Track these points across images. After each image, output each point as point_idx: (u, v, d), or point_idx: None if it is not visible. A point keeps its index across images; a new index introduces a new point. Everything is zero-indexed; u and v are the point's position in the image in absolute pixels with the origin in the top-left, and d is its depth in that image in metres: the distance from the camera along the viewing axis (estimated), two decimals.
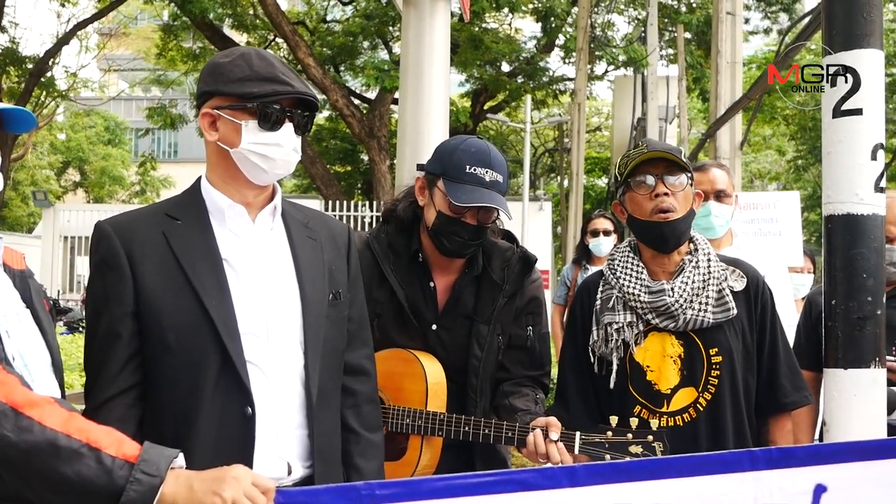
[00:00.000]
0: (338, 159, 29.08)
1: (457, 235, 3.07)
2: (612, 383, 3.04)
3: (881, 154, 2.51)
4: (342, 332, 2.58)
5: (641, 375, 3.02)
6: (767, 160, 37.84)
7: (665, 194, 2.95)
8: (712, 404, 2.96)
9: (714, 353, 2.98)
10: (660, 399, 3.00)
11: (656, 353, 3.02)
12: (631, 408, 3.01)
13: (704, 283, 2.99)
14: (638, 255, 3.13)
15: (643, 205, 3.00)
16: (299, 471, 2.40)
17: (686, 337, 3.00)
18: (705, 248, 3.09)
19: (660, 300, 2.98)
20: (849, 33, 2.54)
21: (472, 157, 3.03)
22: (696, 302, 2.97)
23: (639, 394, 3.03)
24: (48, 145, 48.72)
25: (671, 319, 2.99)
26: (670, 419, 2.97)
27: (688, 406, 2.98)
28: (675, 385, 2.99)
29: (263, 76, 2.39)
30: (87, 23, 25.76)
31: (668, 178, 2.97)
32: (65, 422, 1.91)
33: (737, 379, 2.98)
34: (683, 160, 2.98)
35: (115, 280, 2.35)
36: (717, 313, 2.98)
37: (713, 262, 3.05)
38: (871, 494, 2.27)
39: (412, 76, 6.38)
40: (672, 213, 2.96)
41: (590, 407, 3.13)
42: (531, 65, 23.89)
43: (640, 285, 3.03)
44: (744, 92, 13.92)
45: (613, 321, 3.05)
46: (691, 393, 2.98)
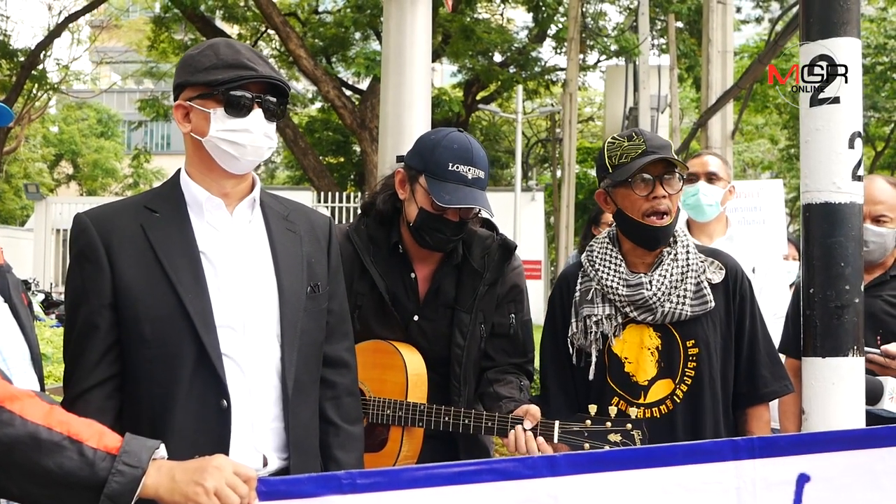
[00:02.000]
0: (330, 151, 28.98)
1: (438, 232, 3.07)
2: (592, 375, 3.05)
3: (858, 142, 2.51)
4: (321, 325, 2.58)
5: (619, 367, 3.04)
6: (760, 149, 37.84)
7: (663, 197, 2.93)
8: (689, 396, 2.98)
9: (691, 345, 2.99)
10: (637, 391, 3.01)
11: (634, 345, 3.03)
12: (609, 399, 3.01)
13: (683, 275, 3.00)
14: (617, 247, 3.12)
15: (638, 204, 2.96)
16: (275, 462, 2.41)
17: (664, 329, 3.02)
18: (684, 241, 3.08)
19: (637, 293, 2.99)
20: (826, 21, 2.53)
21: (454, 154, 3.02)
22: (673, 295, 2.98)
23: (616, 385, 3.04)
24: (41, 138, 48.60)
25: (649, 312, 3.00)
26: (647, 410, 2.99)
27: (665, 398, 2.99)
28: (652, 377, 3.01)
29: (229, 63, 2.40)
30: (78, 15, 25.66)
31: (666, 178, 2.95)
32: (46, 415, 1.91)
33: (714, 371, 2.99)
34: (678, 160, 2.96)
35: (93, 272, 2.35)
36: (694, 306, 2.98)
37: (692, 254, 3.04)
38: (855, 484, 2.27)
39: (393, 67, 6.36)
40: (667, 217, 2.95)
41: (570, 399, 3.14)
42: (523, 55, 23.83)
43: (618, 278, 3.03)
44: (735, 81, 13.90)
45: (592, 313, 3.06)
46: (668, 385, 3.00)
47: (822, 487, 2.24)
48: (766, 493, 2.22)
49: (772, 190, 6.59)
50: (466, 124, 27.27)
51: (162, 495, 1.90)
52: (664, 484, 2.17)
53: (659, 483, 2.17)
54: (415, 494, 2.05)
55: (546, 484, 2.11)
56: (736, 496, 2.20)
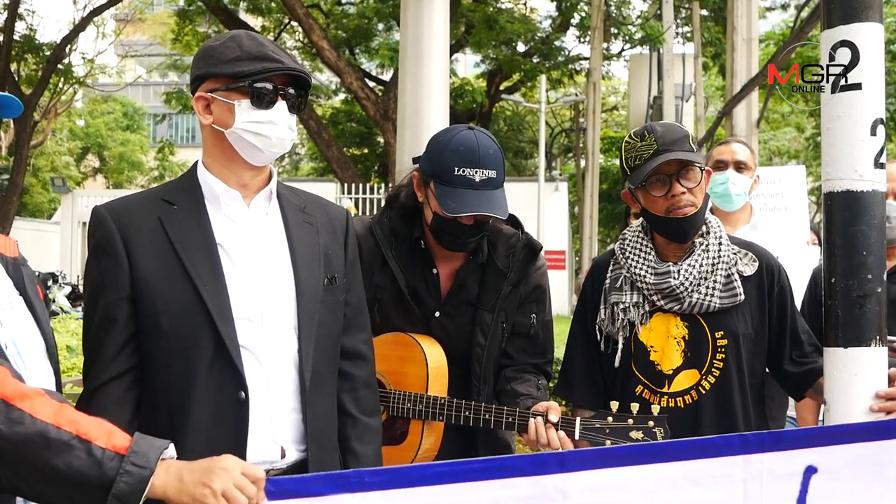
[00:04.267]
0: (354, 142, 29.02)
1: (454, 235, 3.04)
2: (618, 361, 3.05)
3: (881, 129, 2.47)
4: (338, 317, 2.57)
5: (645, 355, 3.02)
6: (786, 137, 37.51)
7: (682, 193, 2.90)
8: (717, 388, 2.95)
9: (720, 336, 2.96)
10: (661, 379, 2.99)
11: (661, 333, 3.01)
12: (633, 387, 3.02)
13: (713, 266, 2.96)
14: (649, 236, 3.10)
15: (659, 204, 2.94)
16: (293, 454, 2.41)
17: (692, 319, 2.99)
18: (717, 231, 3.04)
19: (664, 282, 2.96)
20: (847, 6, 2.48)
21: (460, 157, 2.93)
22: (702, 286, 2.95)
23: (641, 373, 3.03)
24: (67, 131, 48.99)
25: (676, 302, 2.98)
26: (671, 400, 2.97)
27: (689, 388, 2.97)
28: (677, 366, 2.98)
29: (254, 55, 2.40)
30: (103, 9, 25.80)
31: (682, 174, 2.90)
32: (55, 413, 1.91)
33: (742, 363, 2.96)
34: (693, 150, 2.91)
35: (111, 264, 2.36)
36: (723, 298, 2.95)
37: (724, 245, 3.01)
38: (860, 475, 2.27)
39: (411, 59, 6.35)
40: (690, 209, 2.91)
41: (595, 388, 3.13)
42: (546, 44, 23.74)
43: (646, 266, 3.02)
44: (760, 69, 13.80)
45: (620, 301, 3.05)
46: (694, 375, 2.97)
47: (829, 479, 2.23)
48: (773, 484, 2.21)
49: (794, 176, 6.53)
50: (490, 115, 27.25)
51: (170, 496, 1.90)
52: (673, 478, 2.16)
53: (668, 477, 2.16)
54: (424, 492, 2.05)
55: (555, 480, 2.10)
56: (742, 488, 2.20)
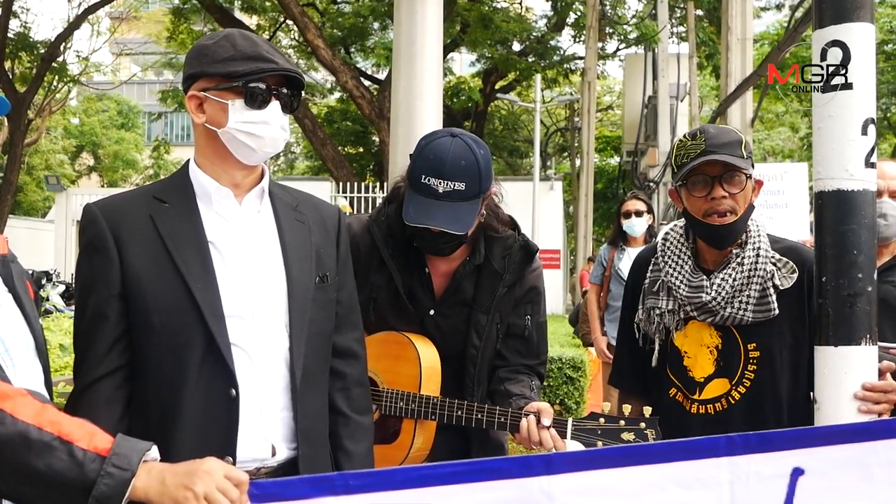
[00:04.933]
0: (349, 141, 29.04)
1: (425, 239, 3.04)
2: (654, 362, 3.11)
3: (872, 129, 2.47)
4: (329, 315, 2.57)
5: (679, 360, 3.07)
6: (781, 137, 37.58)
7: (723, 197, 2.86)
8: (747, 398, 2.97)
9: (752, 347, 2.97)
10: (693, 386, 3.04)
11: (694, 341, 3.04)
12: (667, 388, 3.09)
13: (748, 279, 2.93)
14: (690, 239, 3.09)
15: (699, 205, 2.91)
16: (284, 452, 2.40)
17: (725, 329, 3.00)
18: (756, 242, 2.98)
19: (697, 296, 2.97)
20: (839, 7, 2.48)
21: (427, 165, 2.91)
22: (735, 300, 2.93)
23: (675, 377, 3.08)
24: (62, 130, 48.98)
25: (709, 314, 2.98)
26: (702, 406, 3.02)
27: (720, 396, 3.00)
28: (708, 374, 3.02)
29: (248, 55, 2.39)
30: (97, 7, 25.81)
31: (725, 178, 2.86)
32: (37, 414, 1.90)
33: (776, 375, 2.95)
34: (742, 156, 2.86)
35: (102, 262, 2.36)
36: (757, 312, 2.93)
37: (761, 257, 2.95)
38: (847, 475, 2.25)
39: (405, 58, 6.34)
40: (729, 217, 2.88)
41: (639, 379, 3.22)
42: (542, 44, 23.78)
43: (682, 277, 3.02)
44: (754, 69, 13.82)
45: (656, 306, 3.08)
46: (724, 384, 3.00)
47: (816, 480, 2.22)
48: (760, 486, 2.20)
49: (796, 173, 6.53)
50: (485, 113, 27.27)
51: (151, 498, 1.89)
52: (659, 480, 2.15)
53: (654, 480, 2.15)
54: (409, 495, 2.03)
55: (541, 482, 2.09)
56: (729, 490, 2.18)
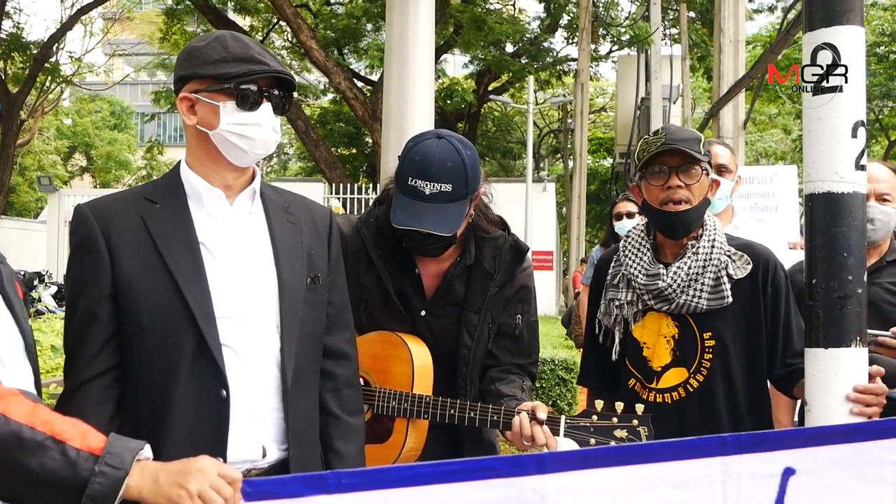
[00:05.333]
0: (342, 142, 29.03)
1: (413, 240, 3.05)
2: (615, 355, 3.20)
3: (862, 132, 2.48)
4: (321, 317, 2.57)
5: (637, 351, 3.16)
6: (773, 139, 37.66)
7: (678, 186, 3.02)
8: (704, 386, 3.05)
9: (708, 336, 3.06)
10: (651, 375, 3.13)
11: (653, 331, 3.14)
12: (626, 379, 3.18)
13: (703, 269, 3.05)
14: (651, 235, 3.22)
15: (656, 194, 3.06)
16: (274, 453, 2.40)
17: (682, 319, 3.10)
18: (711, 234, 3.12)
19: (653, 284, 3.07)
20: (829, 10, 2.49)
21: (414, 167, 2.92)
22: (690, 288, 3.04)
23: (634, 368, 3.18)
24: (54, 130, 48.89)
25: (665, 302, 3.08)
26: (658, 395, 3.10)
27: (677, 385, 3.08)
28: (666, 364, 3.11)
29: (239, 57, 2.39)
30: (90, 7, 25.80)
31: (682, 169, 3.02)
32: (29, 414, 1.90)
33: (730, 364, 3.04)
34: (699, 152, 3.03)
35: (93, 263, 2.35)
36: (711, 300, 3.04)
37: (716, 248, 3.09)
38: (838, 476, 2.27)
39: (396, 59, 6.34)
40: (683, 205, 3.02)
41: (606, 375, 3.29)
42: (535, 45, 23.80)
43: (640, 267, 3.13)
44: (746, 71, 13.85)
45: (616, 298, 3.20)
46: (682, 373, 3.08)
47: (807, 480, 2.24)
48: (751, 485, 2.21)
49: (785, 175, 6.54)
50: (478, 115, 27.29)
51: (145, 497, 1.88)
52: (651, 480, 2.16)
53: (646, 479, 2.16)
54: (401, 493, 2.03)
55: (533, 481, 2.09)
56: (721, 489, 2.19)
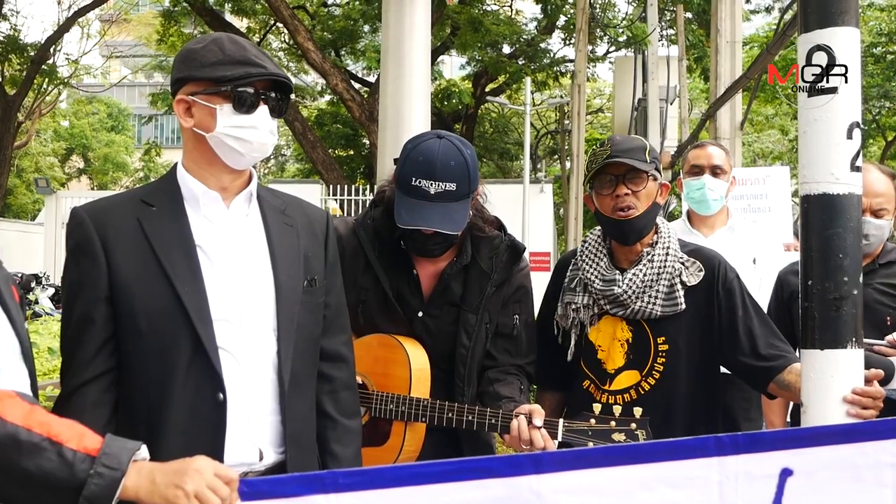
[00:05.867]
0: (339, 144, 28.98)
1: (416, 241, 3.07)
2: (570, 356, 3.27)
3: (857, 133, 2.48)
4: (317, 319, 2.58)
5: (593, 353, 3.24)
6: (770, 140, 37.65)
7: (626, 194, 3.11)
8: (656, 389, 3.15)
9: (661, 341, 3.17)
10: (605, 377, 3.21)
11: (607, 335, 3.23)
12: (581, 381, 3.26)
13: (657, 275, 3.16)
14: (607, 241, 3.31)
15: (605, 202, 3.16)
16: (271, 456, 2.41)
17: (636, 324, 3.19)
18: (665, 242, 3.22)
19: (609, 289, 3.16)
20: (824, 11, 2.49)
21: (417, 167, 2.94)
22: (645, 294, 3.14)
23: (588, 370, 3.25)
24: (51, 132, 48.83)
25: (620, 307, 3.18)
26: (611, 397, 3.16)
27: (629, 387, 3.17)
28: (620, 366, 3.19)
29: (236, 59, 2.39)
30: (87, 9, 25.76)
31: (628, 177, 3.11)
32: (26, 415, 1.90)
33: (682, 367, 3.14)
34: (645, 160, 3.12)
35: (89, 265, 2.35)
36: (665, 306, 3.14)
37: (670, 255, 3.19)
38: (835, 477, 2.27)
39: (392, 60, 6.35)
40: (632, 212, 3.12)
41: (554, 373, 3.35)
42: (532, 46, 23.78)
43: (597, 272, 3.22)
44: (744, 71, 13.84)
45: (573, 301, 3.27)
46: (634, 376, 3.18)
47: (804, 481, 2.24)
48: (748, 486, 2.21)
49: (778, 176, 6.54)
50: (475, 116, 27.28)
51: (142, 497, 1.89)
52: (648, 480, 2.16)
53: (643, 479, 2.16)
54: (398, 493, 2.04)
55: (530, 481, 2.10)
56: (718, 490, 2.20)
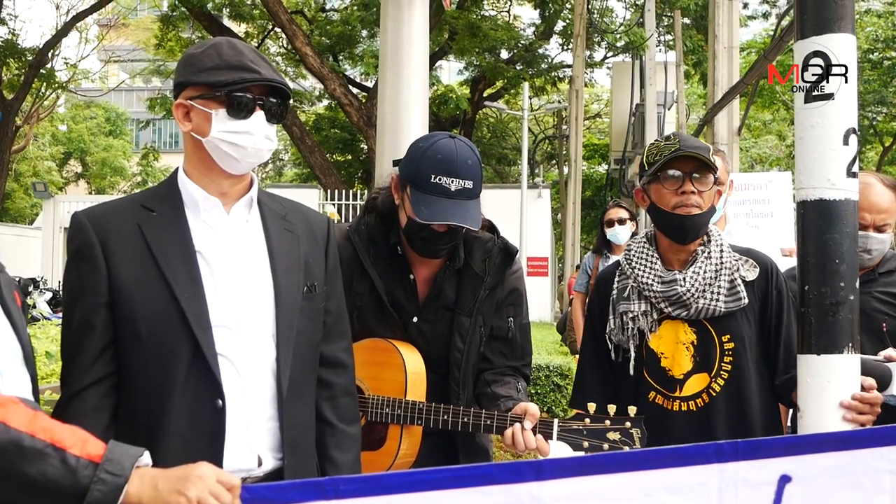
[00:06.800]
0: (337, 149, 29.02)
1: (426, 241, 3.06)
2: (632, 370, 3.17)
3: (853, 139, 2.50)
4: (317, 325, 2.58)
5: (656, 362, 3.16)
6: (768, 145, 37.73)
7: (691, 192, 3.05)
8: (726, 389, 3.09)
9: (726, 339, 3.10)
10: (673, 384, 3.13)
11: (670, 340, 3.14)
12: (646, 393, 3.15)
13: (717, 272, 3.10)
14: (654, 246, 3.23)
15: (668, 198, 3.09)
16: (270, 463, 2.40)
17: (699, 325, 3.12)
18: (718, 240, 3.18)
19: (672, 290, 3.09)
20: (820, 18, 2.51)
21: (437, 165, 2.95)
22: (707, 291, 3.08)
23: (653, 379, 3.16)
24: (49, 137, 48.80)
25: (683, 308, 3.10)
26: (684, 403, 3.10)
27: (701, 391, 3.10)
28: (688, 371, 3.11)
29: (232, 64, 2.39)
30: (86, 14, 25.79)
31: (696, 176, 3.06)
32: (29, 421, 1.90)
33: (749, 365, 3.08)
34: (711, 160, 3.07)
35: (90, 270, 2.35)
36: (728, 302, 3.08)
37: (725, 252, 3.14)
38: (834, 484, 2.28)
39: (391, 66, 6.34)
40: (695, 209, 3.06)
41: (607, 391, 3.24)
42: (530, 52, 23.84)
43: (653, 275, 3.15)
44: (741, 77, 13.88)
45: (629, 310, 3.18)
46: (704, 378, 3.10)
47: (803, 488, 2.24)
48: (748, 493, 2.21)
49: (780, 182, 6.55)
50: (473, 121, 27.28)
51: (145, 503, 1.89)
52: (648, 487, 2.17)
53: (643, 486, 2.16)
54: (399, 499, 2.03)
55: (530, 488, 2.10)
56: (718, 497, 2.20)
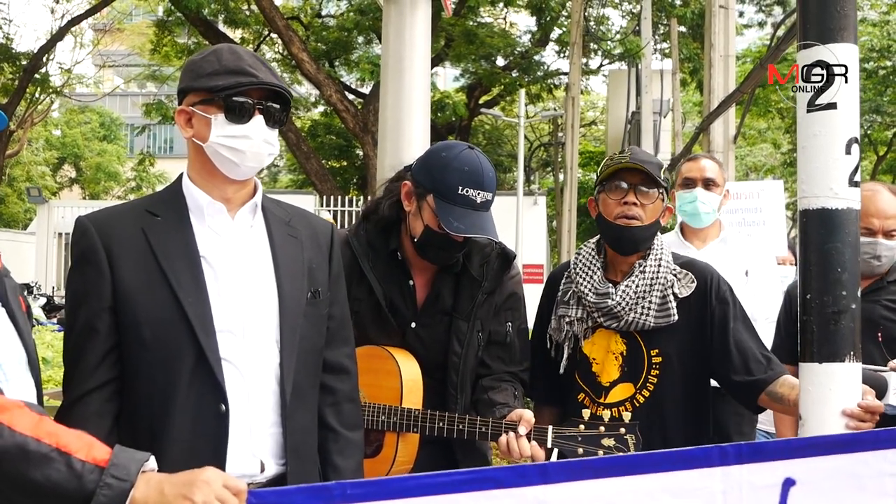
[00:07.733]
0: (333, 155, 29.00)
1: (442, 250, 3.09)
2: (563, 369, 3.27)
3: (856, 148, 2.50)
4: (321, 331, 2.58)
5: (587, 367, 3.26)
6: (763, 153, 37.79)
7: (634, 203, 3.14)
8: (650, 402, 3.17)
9: (655, 353, 3.18)
10: (600, 390, 3.22)
11: (602, 348, 3.24)
12: (576, 394, 3.27)
13: (650, 287, 3.16)
14: (601, 254, 3.30)
15: (612, 208, 3.18)
16: (272, 468, 2.41)
17: (630, 336, 3.21)
18: (658, 254, 3.24)
19: (603, 302, 3.17)
20: (823, 27, 2.52)
21: (465, 177, 2.97)
22: (638, 306, 3.16)
23: (583, 383, 3.26)
24: (43, 141, 48.71)
25: (614, 320, 3.19)
26: (607, 410, 3.12)
27: (624, 400, 3.19)
28: (614, 379, 3.21)
29: (230, 69, 2.41)
30: (81, 18, 25.72)
31: (640, 188, 3.15)
32: (35, 426, 1.90)
33: (675, 379, 3.15)
34: (660, 177, 3.16)
35: (94, 275, 2.36)
36: (658, 318, 3.16)
37: (662, 267, 3.21)
38: (838, 486, 2.29)
39: (392, 72, 6.36)
40: (636, 221, 3.14)
41: (553, 388, 3.35)
42: (526, 59, 23.89)
43: (590, 285, 3.22)
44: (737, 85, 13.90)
45: (566, 314, 3.28)
46: (629, 388, 3.19)
47: (807, 491, 2.26)
48: (752, 496, 2.23)
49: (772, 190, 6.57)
50: (469, 128, 27.31)
51: None
52: (653, 490, 2.18)
53: (647, 489, 2.17)
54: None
55: (536, 492, 2.11)
56: (722, 500, 2.21)
